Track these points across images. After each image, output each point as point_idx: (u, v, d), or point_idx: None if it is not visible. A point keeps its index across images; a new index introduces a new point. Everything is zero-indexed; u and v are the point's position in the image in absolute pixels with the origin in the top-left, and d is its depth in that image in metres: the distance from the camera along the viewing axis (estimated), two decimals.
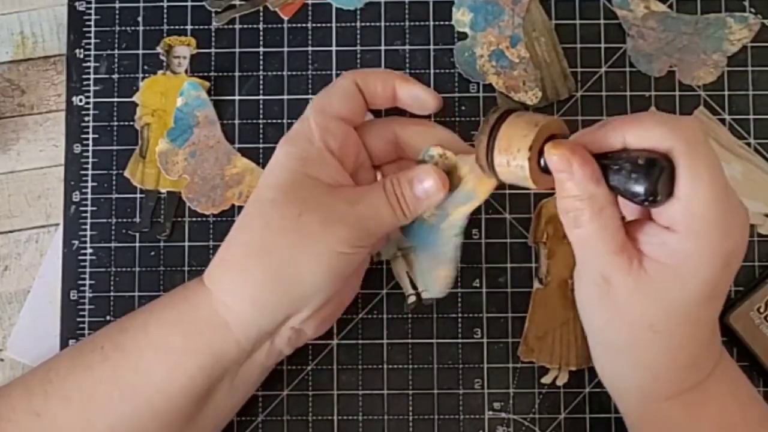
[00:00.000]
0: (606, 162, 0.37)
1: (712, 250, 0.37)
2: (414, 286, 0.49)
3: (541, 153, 0.38)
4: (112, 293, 0.50)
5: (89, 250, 0.50)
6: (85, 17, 0.52)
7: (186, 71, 0.52)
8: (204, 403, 0.43)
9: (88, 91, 0.51)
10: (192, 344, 0.41)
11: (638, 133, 0.37)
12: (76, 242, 0.50)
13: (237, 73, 0.52)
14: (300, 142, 0.41)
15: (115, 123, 0.51)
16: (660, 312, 0.38)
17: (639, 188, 0.36)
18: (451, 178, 0.42)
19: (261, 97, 0.51)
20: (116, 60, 0.52)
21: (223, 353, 0.41)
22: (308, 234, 0.40)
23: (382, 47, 0.52)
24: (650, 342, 0.39)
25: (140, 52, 0.52)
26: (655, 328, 0.38)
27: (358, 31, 0.52)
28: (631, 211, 0.41)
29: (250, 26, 0.52)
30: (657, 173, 0.36)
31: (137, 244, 0.50)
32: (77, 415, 0.41)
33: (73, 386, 0.42)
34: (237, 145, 0.51)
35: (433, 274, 0.44)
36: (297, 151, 0.41)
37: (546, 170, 0.38)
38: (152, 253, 0.50)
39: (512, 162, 0.38)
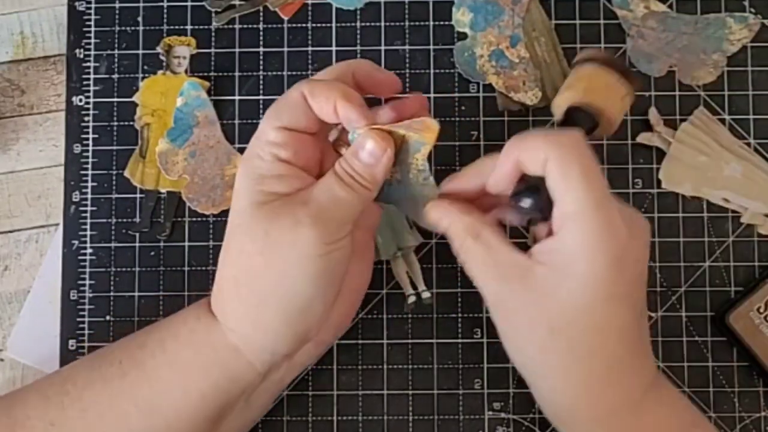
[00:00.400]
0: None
1: (592, 246, 0.37)
2: (414, 286, 0.49)
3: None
4: (112, 293, 0.50)
5: (89, 250, 0.50)
6: (85, 17, 0.52)
7: (186, 71, 0.52)
8: (219, 421, 0.43)
9: (88, 91, 0.51)
10: (206, 363, 0.42)
11: (523, 152, 0.39)
12: (76, 242, 0.50)
13: (237, 73, 0.52)
14: (253, 160, 0.41)
15: (115, 123, 0.51)
16: (555, 314, 0.38)
17: (514, 219, 0.41)
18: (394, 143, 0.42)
19: (261, 97, 0.51)
20: (116, 60, 0.52)
21: (238, 374, 0.42)
22: (279, 246, 0.39)
23: (382, 47, 0.52)
24: (557, 351, 0.39)
25: (140, 52, 0.52)
26: (555, 331, 0.38)
27: (358, 31, 0.52)
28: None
29: (250, 26, 0.52)
30: (530, 198, 0.39)
31: (137, 244, 0.50)
32: (93, 427, 0.41)
33: (90, 399, 0.41)
34: (237, 145, 0.51)
35: (421, 211, 0.43)
36: (251, 170, 0.40)
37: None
38: (152, 253, 0.50)
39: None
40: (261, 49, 0.52)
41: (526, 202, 0.39)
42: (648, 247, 0.40)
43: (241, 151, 0.51)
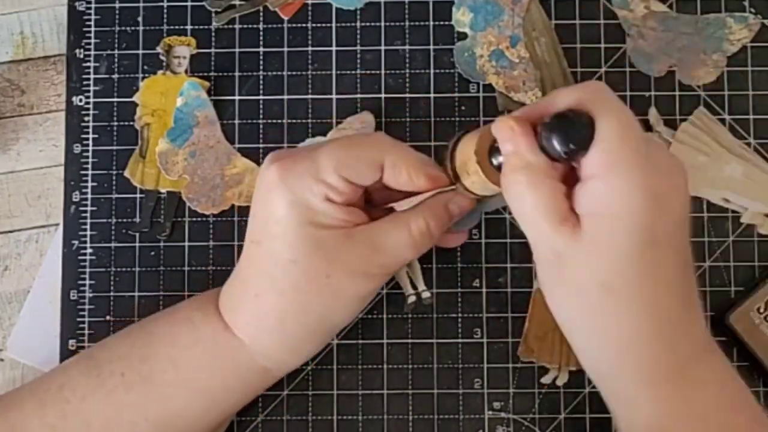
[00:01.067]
0: (538, 132, 0.37)
1: (633, 185, 0.35)
2: (414, 286, 0.49)
3: (491, 154, 0.39)
4: (112, 293, 0.50)
5: (89, 250, 0.50)
6: (85, 17, 0.52)
7: (186, 71, 0.52)
8: (227, 416, 0.45)
9: (88, 91, 0.51)
10: (232, 387, 0.43)
11: (554, 104, 0.37)
12: (76, 242, 0.50)
13: (237, 73, 0.52)
14: (303, 193, 0.39)
15: (115, 123, 0.51)
16: (605, 266, 0.37)
17: (556, 143, 0.36)
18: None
19: (261, 97, 0.51)
20: (116, 60, 0.52)
21: (261, 388, 0.45)
22: (339, 291, 0.41)
23: (382, 47, 0.52)
24: (608, 305, 0.37)
25: (140, 52, 0.52)
26: (606, 285, 0.37)
27: (358, 31, 0.52)
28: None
29: (250, 26, 0.52)
30: (571, 126, 0.36)
31: (137, 244, 0.50)
32: None
33: (93, 410, 0.41)
34: (237, 145, 0.51)
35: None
36: (300, 201, 0.39)
37: (498, 166, 0.39)
38: (152, 253, 0.50)
39: (470, 173, 0.40)
40: (261, 49, 0.52)
41: (572, 136, 0.36)
42: (688, 189, 0.38)
43: (241, 151, 0.51)
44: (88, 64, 0.52)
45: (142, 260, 0.50)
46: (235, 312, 0.43)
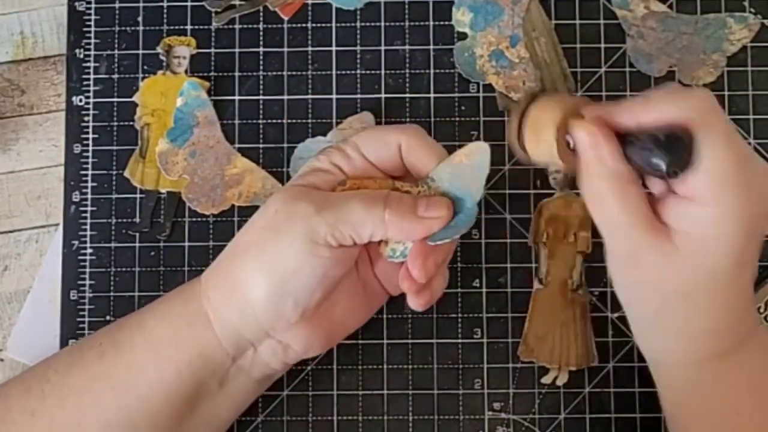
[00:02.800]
0: (627, 139, 0.38)
1: (735, 215, 0.37)
2: None
3: (567, 132, 0.39)
4: (112, 293, 0.50)
5: (89, 250, 0.50)
6: (85, 17, 0.52)
7: (186, 71, 0.52)
8: (194, 405, 0.43)
9: (88, 91, 0.51)
10: (179, 337, 0.42)
11: (652, 112, 0.37)
12: (76, 242, 0.50)
13: (237, 73, 0.52)
14: (318, 155, 0.44)
15: (115, 123, 0.51)
16: (691, 282, 0.38)
17: (661, 161, 0.36)
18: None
19: (261, 97, 0.51)
20: (116, 60, 0.52)
21: (208, 351, 0.42)
22: (279, 227, 0.41)
23: (382, 47, 0.52)
24: (682, 310, 0.39)
25: (140, 52, 0.52)
26: (685, 293, 0.38)
27: (358, 31, 0.52)
28: (651, 187, 0.41)
29: (250, 26, 0.52)
30: (677, 145, 0.36)
31: (137, 244, 0.50)
32: (72, 413, 0.41)
33: (69, 385, 0.42)
34: (237, 145, 0.51)
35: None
36: (311, 162, 0.44)
37: (573, 149, 0.39)
38: (152, 253, 0.50)
39: (541, 141, 0.39)
40: (261, 49, 0.52)
41: (680, 158, 0.37)
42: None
43: (241, 151, 0.51)
44: (88, 64, 0.52)
45: (142, 260, 0.50)
46: (209, 270, 0.44)
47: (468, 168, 0.43)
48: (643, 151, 0.37)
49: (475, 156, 0.43)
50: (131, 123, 0.51)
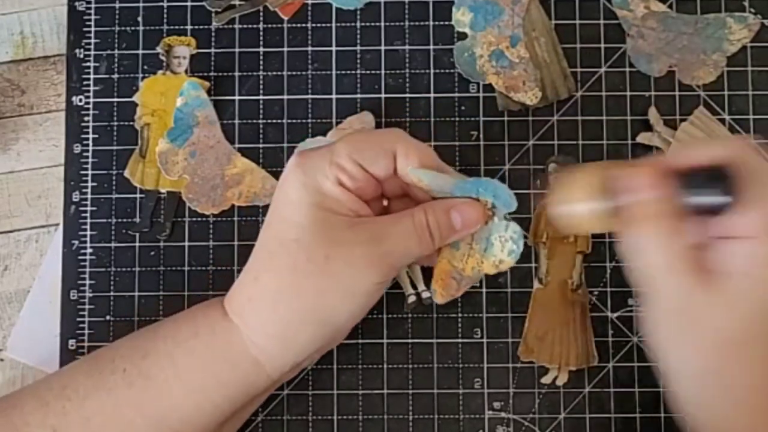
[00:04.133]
0: (676, 180, 0.37)
1: None
2: (414, 286, 0.49)
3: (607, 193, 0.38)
4: (112, 293, 0.50)
5: (89, 250, 0.50)
6: (85, 17, 0.52)
7: (186, 71, 0.52)
8: (222, 425, 0.44)
9: (88, 91, 0.51)
10: (224, 381, 0.42)
11: (692, 155, 0.37)
12: (76, 242, 0.50)
13: (237, 73, 0.52)
14: (316, 175, 0.40)
15: (115, 123, 0.51)
16: (738, 322, 0.36)
17: (717, 194, 0.36)
18: None
19: (261, 97, 0.51)
20: (116, 60, 0.52)
21: (254, 386, 0.42)
22: (336, 277, 0.40)
23: (382, 47, 0.52)
24: (734, 359, 0.37)
25: (140, 52, 0.52)
26: (736, 342, 0.37)
27: (358, 31, 0.52)
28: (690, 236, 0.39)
29: (250, 26, 0.52)
30: (725, 181, 0.36)
31: (137, 244, 0.50)
32: None
33: (93, 408, 0.41)
34: (237, 145, 0.51)
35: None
36: (313, 183, 0.40)
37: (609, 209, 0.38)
38: (152, 253, 0.50)
39: (576, 214, 0.39)
40: (261, 49, 0.52)
41: (730, 194, 0.36)
42: None
43: (241, 151, 0.51)
44: (88, 64, 0.52)
45: (142, 260, 0.50)
46: (234, 296, 0.43)
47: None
48: (693, 189, 0.37)
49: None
50: (131, 123, 0.51)
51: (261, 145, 0.51)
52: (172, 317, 0.45)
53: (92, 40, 0.52)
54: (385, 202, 0.45)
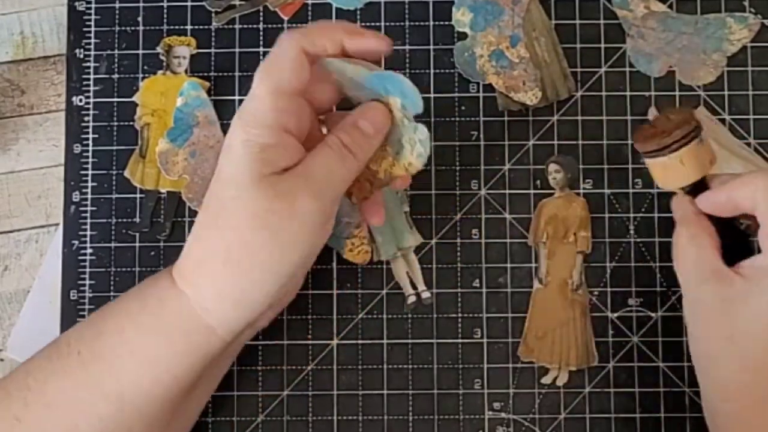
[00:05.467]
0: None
1: None
2: (414, 286, 0.49)
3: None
4: (112, 293, 0.50)
5: (89, 250, 0.50)
6: (85, 17, 0.52)
7: (186, 71, 0.52)
8: (189, 393, 0.43)
9: (88, 91, 0.51)
10: (178, 350, 0.41)
11: (734, 190, 0.43)
12: (76, 242, 0.50)
13: (237, 73, 0.52)
14: (257, 127, 0.39)
15: (115, 123, 0.51)
16: (738, 323, 0.40)
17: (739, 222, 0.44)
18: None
19: None
20: (116, 60, 0.52)
21: (209, 352, 0.41)
22: (280, 227, 0.39)
23: None
24: (730, 358, 0.41)
25: (140, 52, 0.52)
26: (733, 339, 0.41)
27: None
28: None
29: (250, 26, 0.52)
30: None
31: (137, 244, 0.50)
32: (61, 420, 0.41)
33: (53, 392, 0.41)
34: None
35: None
36: (254, 138, 0.39)
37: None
38: (152, 253, 0.50)
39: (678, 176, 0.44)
40: (261, 49, 0.52)
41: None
42: None
43: None
44: (88, 64, 0.52)
45: (142, 260, 0.50)
46: (182, 261, 0.42)
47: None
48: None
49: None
50: (131, 123, 0.51)
51: None
52: (125, 293, 0.44)
53: (92, 40, 0.52)
54: (324, 130, 0.44)
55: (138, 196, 0.51)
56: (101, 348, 0.41)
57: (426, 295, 0.49)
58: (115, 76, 0.51)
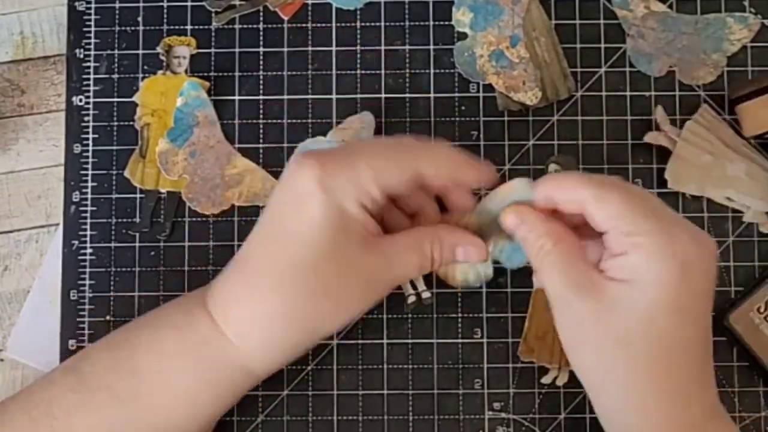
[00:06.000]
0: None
1: (657, 257, 0.38)
2: (414, 286, 0.49)
3: None
4: (112, 293, 0.50)
5: (89, 250, 0.50)
6: (85, 17, 0.52)
7: (186, 71, 0.52)
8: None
9: (88, 91, 0.51)
10: (219, 393, 0.42)
11: (557, 191, 0.41)
12: (76, 242, 0.50)
13: (237, 73, 0.52)
14: (340, 196, 0.39)
15: (115, 123, 0.51)
16: (620, 325, 0.38)
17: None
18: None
19: (261, 97, 0.51)
20: (116, 60, 0.52)
21: (244, 389, 0.43)
22: (342, 300, 0.41)
23: (382, 47, 0.52)
24: (619, 363, 0.39)
25: (140, 52, 0.52)
26: (619, 342, 0.38)
27: (358, 31, 0.52)
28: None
29: (250, 26, 0.52)
30: None
31: (137, 244, 0.50)
32: None
33: (83, 425, 0.41)
34: (237, 145, 0.51)
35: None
36: (335, 203, 0.39)
37: None
38: (152, 253, 0.50)
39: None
40: (261, 49, 0.52)
41: None
42: (715, 264, 0.40)
43: (241, 151, 0.51)
44: (88, 64, 0.52)
45: (142, 260, 0.50)
46: (229, 306, 0.42)
47: (511, 200, 0.43)
48: None
49: (516, 190, 0.43)
50: (131, 123, 0.51)
51: (261, 145, 0.51)
52: (147, 324, 0.44)
53: (92, 40, 0.52)
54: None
55: (138, 196, 0.51)
56: (138, 386, 0.41)
57: (426, 295, 0.49)
58: (115, 76, 0.51)
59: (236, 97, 0.51)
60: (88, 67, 0.52)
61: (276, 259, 0.40)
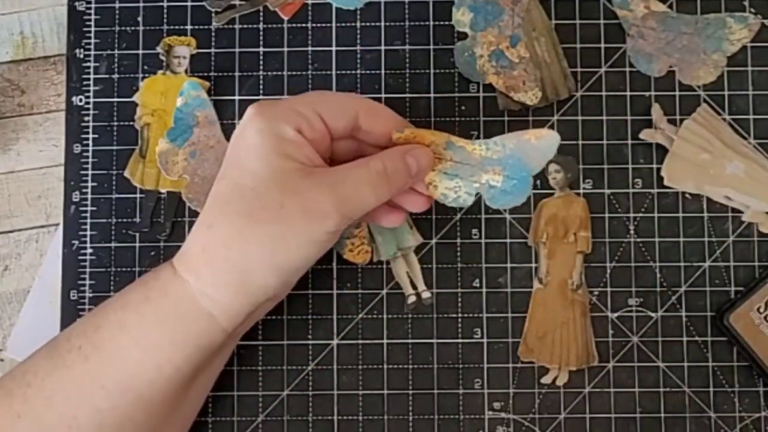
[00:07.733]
0: None
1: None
2: (414, 286, 0.49)
3: None
4: (112, 293, 0.50)
5: (89, 250, 0.50)
6: (85, 17, 0.52)
7: (186, 71, 0.52)
8: (190, 384, 0.43)
9: (88, 91, 0.51)
10: (179, 339, 0.41)
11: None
12: (76, 242, 0.50)
13: (237, 73, 0.52)
14: (276, 120, 0.40)
15: (115, 123, 0.51)
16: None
17: None
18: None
19: (261, 97, 0.51)
20: (116, 60, 0.52)
21: (210, 343, 0.42)
22: (291, 224, 0.40)
23: (382, 47, 0.52)
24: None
25: (140, 52, 0.52)
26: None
27: (358, 31, 0.52)
28: None
29: (250, 26, 0.52)
30: None
31: (137, 244, 0.50)
32: (61, 413, 0.41)
33: (54, 386, 0.41)
34: None
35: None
36: (272, 128, 0.40)
37: None
38: (152, 253, 0.50)
39: None
40: (261, 49, 0.52)
41: None
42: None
43: None
44: (88, 64, 0.52)
45: (142, 260, 0.50)
46: (187, 249, 0.42)
47: (533, 148, 0.43)
48: None
49: (545, 140, 0.43)
50: (131, 123, 0.51)
51: None
52: (126, 288, 0.44)
53: (92, 40, 0.52)
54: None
55: (138, 196, 0.51)
56: (101, 340, 0.41)
57: (426, 295, 0.49)
58: (115, 76, 0.51)
59: (236, 97, 0.51)
60: (88, 67, 0.52)
61: (222, 191, 0.41)
